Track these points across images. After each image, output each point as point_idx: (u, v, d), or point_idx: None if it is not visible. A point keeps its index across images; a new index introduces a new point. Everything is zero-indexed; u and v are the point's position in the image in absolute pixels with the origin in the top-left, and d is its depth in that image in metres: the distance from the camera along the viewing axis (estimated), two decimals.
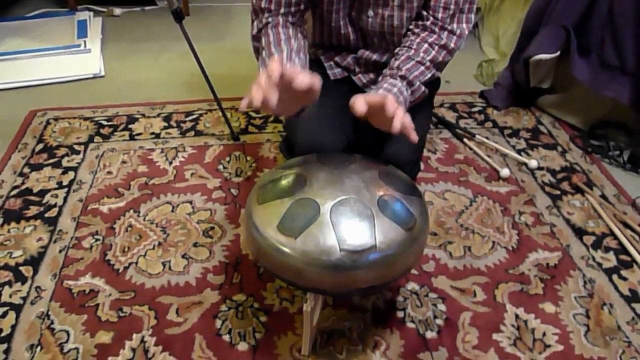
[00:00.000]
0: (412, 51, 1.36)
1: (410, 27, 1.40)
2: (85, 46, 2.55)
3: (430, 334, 1.29)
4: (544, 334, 1.30)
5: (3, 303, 1.34)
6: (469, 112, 2.15)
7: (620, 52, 1.80)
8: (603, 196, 1.72)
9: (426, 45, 1.36)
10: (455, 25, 1.36)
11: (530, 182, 1.78)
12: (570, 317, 1.34)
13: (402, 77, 1.33)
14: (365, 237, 1.03)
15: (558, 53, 1.91)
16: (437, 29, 1.36)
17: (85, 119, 2.05)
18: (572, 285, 1.43)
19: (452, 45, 1.38)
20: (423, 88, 1.39)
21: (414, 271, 1.44)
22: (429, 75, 1.38)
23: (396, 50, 1.41)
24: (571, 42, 1.88)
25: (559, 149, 1.95)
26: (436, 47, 1.36)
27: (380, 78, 1.38)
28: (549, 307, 1.37)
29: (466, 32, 1.39)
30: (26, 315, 1.31)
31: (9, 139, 1.93)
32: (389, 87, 1.31)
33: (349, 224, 1.04)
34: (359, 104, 1.09)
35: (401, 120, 1.08)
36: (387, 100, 1.10)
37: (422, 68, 1.35)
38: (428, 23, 1.37)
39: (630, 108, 1.86)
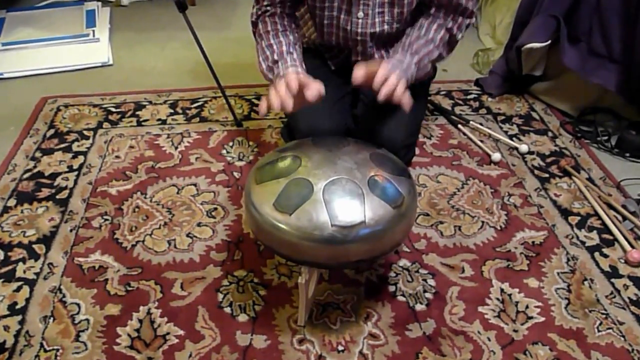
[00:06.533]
0: (423, 30, 1.45)
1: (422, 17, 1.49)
2: (93, 35, 2.62)
3: (419, 307, 1.36)
4: (527, 307, 1.37)
5: (18, 278, 1.41)
6: (464, 100, 2.21)
7: (608, 41, 1.86)
8: (590, 179, 1.78)
9: (436, 25, 1.45)
10: (457, 13, 1.47)
11: (521, 166, 1.85)
12: (552, 291, 1.41)
13: (412, 54, 1.41)
14: (355, 213, 1.11)
15: (549, 42, 1.96)
16: (442, 15, 1.46)
17: (94, 105, 2.13)
18: (555, 262, 1.50)
19: (455, 30, 1.47)
20: (429, 67, 1.48)
21: (405, 249, 1.52)
22: (437, 54, 1.46)
23: (407, 31, 1.49)
24: (561, 31, 1.93)
25: (550, 134, 2.01)
26: (444, 28, 1.46)
27: (391, 52, 1.47)
28: (532, 282, 1.44)
29: (468, 21, 1.50)
30: (39, 290, 1.39)
31: (21, 124, 2.01)
32: (399, 61, 1.39)
33: (340, 201, 1.12)
34: (357, 71, 1.23)
35: (391, 87, 1.22)
36: (380, 67, 1.24)
37: (432, 46, 1.44)
38: (433, 11, 1.46)
39: (616, 94, 1.92)
